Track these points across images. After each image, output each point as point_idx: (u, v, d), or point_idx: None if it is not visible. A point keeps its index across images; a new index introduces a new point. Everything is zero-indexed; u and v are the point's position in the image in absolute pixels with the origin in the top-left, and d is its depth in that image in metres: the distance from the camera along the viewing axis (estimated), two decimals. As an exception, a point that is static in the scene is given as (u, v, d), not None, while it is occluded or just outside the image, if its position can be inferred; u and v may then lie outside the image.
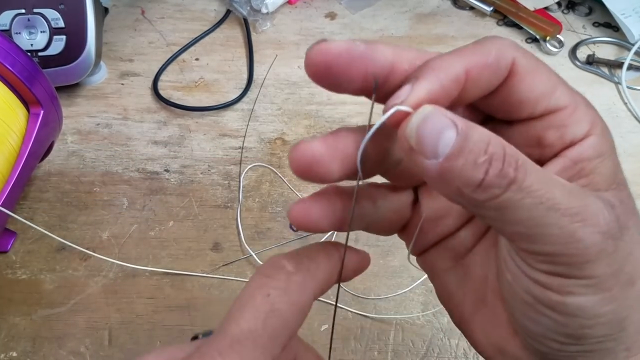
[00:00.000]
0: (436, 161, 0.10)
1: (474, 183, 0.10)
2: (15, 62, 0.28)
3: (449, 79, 0.11)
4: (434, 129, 0.10)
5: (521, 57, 0.12)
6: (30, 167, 0.30)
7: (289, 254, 0.13)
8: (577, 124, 0.12)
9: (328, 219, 0.13)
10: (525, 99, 0.12)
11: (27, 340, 0.27)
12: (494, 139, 0.11)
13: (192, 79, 0.40)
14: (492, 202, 0.10)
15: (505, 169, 0.10)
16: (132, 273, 0.30)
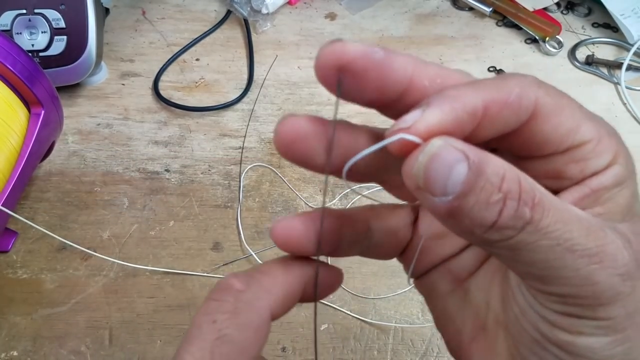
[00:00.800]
0: (445, 199, 0.09)
1: (485, 224, 0.10)
2: (16, 62, 0.28)
3: (464, 111, 0.10)
4: (443, 166, 0.09)
5: (545, 97, 0.11)
6: (31, 167, 0.30)
7: (241, 272, 0.12)
8: (600, 156, 0.11)
9: (313, 239, 0.12)
10: (549, 138, 0.11)
11: (28, 340, 0.27)
12: (509, 173, 0.10)
13: (193, 79, 0.40)
14: (504, 243, 0.10)
15: (521, 209, 0.09)
16: (133, 272, 0.30)
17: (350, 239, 0.13)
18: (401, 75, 0.11)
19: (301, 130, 0.11)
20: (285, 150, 0.11)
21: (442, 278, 0.14)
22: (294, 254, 0.13)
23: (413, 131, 0.10)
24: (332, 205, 0.33)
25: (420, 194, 0.10)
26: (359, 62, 0.11)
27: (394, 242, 0.14)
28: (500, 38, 0.44)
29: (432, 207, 0.10)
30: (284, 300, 0.12)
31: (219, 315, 0.11)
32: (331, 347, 0.28)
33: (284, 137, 0.11)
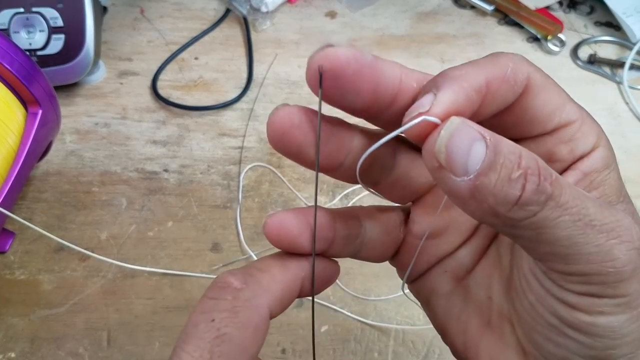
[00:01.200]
0: (467, 178, 0.10)
1: (510, 201, 0.10)
2: (13, 61, 0.28)
3: (472, 89, 0.11)
4: (463, 143, 0.10)
5: (535, 73, 0.12)
6: (29, 166, 0.30)
7: (238, 269, 0.12)
8: (585, 137, 0.12)
9: (307, 235, 0.12)
10: (539, 115, 0.12)
11: (26, 341, 0.27)
12: (524, 151, 0.10)
13: (192, 78, 0.39)
14: (528, 220, 0.10)
15: (543, 184, 0.10)
16: (131, 273, 0.29)
17: (343, 235, 0.13)
18: (392, 77, 0.11)
19: (295, 120, 0.11)
20: (277, 141, 0.12)
21: (441, 278, 0.14)
22: (288, 251, 0.13)
23: (432, 113, 0.10)
24: (333, 206, 0.33)
25: (441, 175, 0.10)
26: (352, 65, 0.11)
27: (387, 242, 0.14)
28: (502, 37, 0.44)
29: (453, 188, 0.10)
30: (283, 298, 0.12)
31: (217, 314, 0.11)
32: (331, 349, 0.27)
33: (277, 127, 0.11)
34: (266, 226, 0.12)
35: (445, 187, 0.10)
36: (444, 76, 0.11)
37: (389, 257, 0.15)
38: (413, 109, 0.11)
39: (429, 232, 0.14)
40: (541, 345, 0.12)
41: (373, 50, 0.42)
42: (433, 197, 0.14)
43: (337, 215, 0.13)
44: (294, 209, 0.13)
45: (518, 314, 0.13)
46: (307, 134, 0.12)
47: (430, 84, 0.11)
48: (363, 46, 0.42)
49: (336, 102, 0.11)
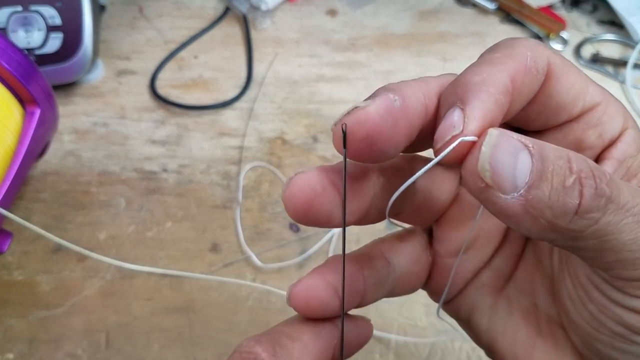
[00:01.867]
0: (517, 194, 0.09)
1: (570, 211, 0.09)
2: (11, 60, 0.27)
3: (500, 93, 0.10)
4: (507, 156, 0.09)
5: (553, 56, 0.11)
6: (27, 166, 0.30)
7: (264, 335, 0.11)
8: (612, 119, 0.11)
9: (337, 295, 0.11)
10: (564, 100, 0.11)
11: (24, 342, 0.27)
12: (572, 153, 0.09)
13: (191, 77, 0.39)
14: (591, 229, 0.09)
15: (600, 187, 0.09)
16: (130, 274, 0.29)
17: (374, 282, 0.12)
18: (420, 108, 0.10)
19: (317, 189, 0.10)
20: (302, 215, 0.10)
21: (480, 293, 0.13)
22: (322, 317, 0.11)
23: (467, 132, 0.09)
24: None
25: (489, 195, 0.09)
26: (387, 123, 0.10)
27: (417, 271, 0.13)
28: (504, 35, 0.43)
29: (505, 207, 0.09)
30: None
31: None
32: (331, 351, 0.27)
33: (300, 200, 0.10)
34: (292, 298, 0.11)
35: (495, 208, 0.09)
36: (465, 85, 0.10)
37: (423, 284, 0.14)
38: (443, 131, 0.10)
39: (455, 249, 0.13)
40: (604, 353, 0.11)
41: (373, 49, 0.42)
42: (455, 211, 0.13)
43: (362, 260, 0.12)
44: (317, 271, 0.11)
45: (574, 322, 0.12)
46: (333, 199, 0.10)
47: (451, 95, 0.10)
48: (363, 45, 0.42)
49: (370, 160, 0.10)
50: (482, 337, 0.13)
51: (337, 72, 0.39)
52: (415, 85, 0.11)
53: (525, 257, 0.13)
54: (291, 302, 0.11)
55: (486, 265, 0.13)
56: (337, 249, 0.31)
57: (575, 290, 0.11)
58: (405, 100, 0.10)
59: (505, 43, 0.11)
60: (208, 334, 0.27)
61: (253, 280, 0.29)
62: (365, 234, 0.32)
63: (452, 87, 0.10)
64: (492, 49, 0.11)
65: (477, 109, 0.09)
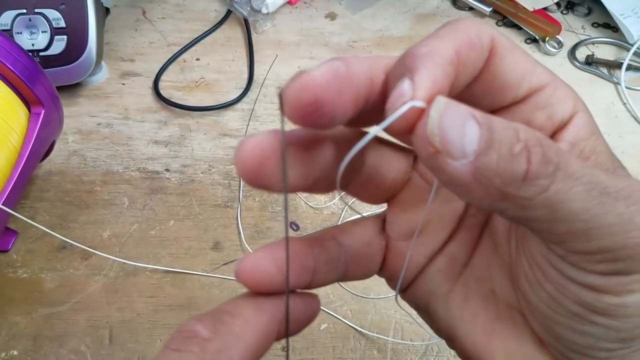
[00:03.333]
0: (466, 161, 0.09)
1: (518, 177, 0.09)
2: (16, 62, 0.28)
3: (446, 63, 0.10)
4: (456, 122, 0.09)
5: (498, 35, 0.11)
6: (32, 166, 0.30)
7: (205, 314, 0.11)
8: (561, 102, 0.11)
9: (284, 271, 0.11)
10: (509, 79, 0.11)
11: (28, 339, 0.27)
12: (520, 125, 0.09)
13: (193, 79, 0.40)
14: (541, 197, 0.09)
15: (548, 154, 0.09)
16: (133, 272, 0.30)
17: (324, 260, 0.12)
18: (365, 77, 0.10)
19: (267, 151, 0.10)
20: (252, 176, 0.10)
21: (436, 279, 0.13)
22: (270, 292, 0.11)
23: (417, 98, 0.09)
24: (333, 206, 0.33)
25: (439, 161, 0.09)
26: (333, 87, 0.10)
27: (370, 254, 0.13)
28: (501, 38, 0.44)
29: (454, 174, 0.09)
30: (258, 346, 0.11)
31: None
32: (331, 347, 0.28)
33: (249, 162, 0.10)
34: (239, 273, 0.11)
35: (445, 175, 0.09)
36: (412, 56, 0.10)
37: (377, 269, 0.14)
38: (394, 100, 0.10)
39: (408, 233, 0.13)
40: (563, 336, 0.11)
41: (372, 51, 0.42)
42: (407, 195, 0.13)
43: (312, 240, 0.12)
44: (265, 247, 0.11)
45: (532, 305, 0.12)
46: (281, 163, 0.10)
47: (399, 67, 0.10)
48: (363, 48, 0.42)
49: (318, 125, 0.10)
50: (441, 325, 0.13)
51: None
52: (362, 58, 0.11)
53: (481, 244, 0.13)
54: (238, 277, 0.11)
55: (441, 251, 0.13)
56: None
57: (532, 270, 0.11)
58: (349, 67, 0.10)
59: (451, 22, 0.11)
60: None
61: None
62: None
63: (400, 60, 0.10)
64: (440, 27, 0.11)
65: (425, 76, 0.10)
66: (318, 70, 0.10)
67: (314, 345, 0.27)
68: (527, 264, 0.11)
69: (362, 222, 0.14)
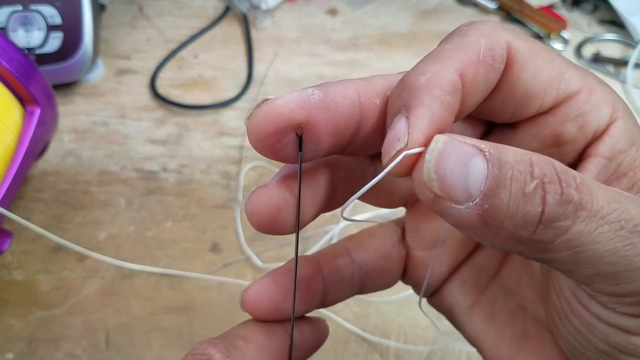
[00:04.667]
0: (472, 203, 0.08)
1: (532, 220, 0.08)
2: (11, 59, 0.27)
3: (447, 94, 0.09)
4: (457, 162, 0.08)
5: (516, 40, 0.10)
6: (27, 166, 0.30)
7: (218, 338, 0.11)
8: (596, 109, 0.10)
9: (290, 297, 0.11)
10: (532, 89, 0.10)
11: (23, 342, 0.27)
12: (535, 156, 0.08)
13: (191, 77, 0.39)
14: (560, 240, 0.08)
15: (567, 191, 0.08)
16: (130, 274, 0.29)
17: (335, 280, 0.12)
18: (349, 105, 0.09)
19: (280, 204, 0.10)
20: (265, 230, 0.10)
21: (460, 291, 0.13)
22: (277, 320, 0.11)
23: (412, 144, 0.09)
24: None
25: (441, 206, 0.08)
26: (299, 115, 0.09)
27: (388, 266, 0.13)
28: (505, 35, 0.43)
29: (460, 219, 0.08)
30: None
31: None
32: (332, 351, 0.27)
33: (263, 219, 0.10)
34: (244, 302, 0.11)
35: (451, 220, 0.08)
36: (409, 88, 0.09)
37: (397, 280, 0.13)
38: (388, 145, 0.09)
39: (431, 242, 0.12)
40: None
41: (374, 48, 0.41)
42: None
43: (323, 260, 0.12)
44: (269, 275, 0.11)
45: (561, 334, 0.11)
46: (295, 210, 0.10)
47: (396, 100, 0.09)
48: (364, 45, 0.42)
49: (285, 158, 0.09)
50: (466, 334, 0.13)
51: (337, 71, 0.39)
52: (350, 84, 0.10)
53: (511, 256, 0.12)
54: (243, 306, 0.11)
55: (467, 262, 0.13)
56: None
57: (560, 303, 0.11)
58: (327, 95, 0.09)
59: (459, 31, 0.10)
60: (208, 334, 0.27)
61: (253, 279, 0.29)
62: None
63: (398, 89, 0.09)
64: (445, 39, 0.10)
65: (421, 116, 0.09)
66: (283, 98, 0.09)
67: (314, 349, 0.27)
68: (556, 296, 0.11)
69: (378, 232, 0.13)
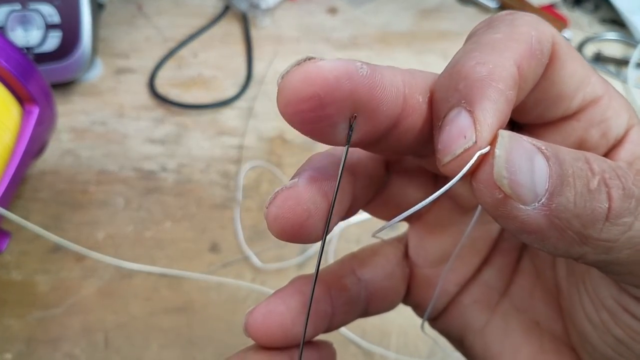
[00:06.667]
0: (538, 204, 0.07)
1: (600, 217, 0.08)
2: (9, 58, 0.27)
3: (510, 87, 0.08)
4: (523, 160, 0.07)
5: (558, 37, 0.09)
6: (25, 165, 0.29)
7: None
8: (617, 116, 0.10)
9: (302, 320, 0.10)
10: (566, 89, 0.10)
11: (22, 342, 0.26)
12: (589, 154, 0.08)
13: (190, 76, 0.39)
14: (625, 236, 0.08)
15: (628, 187, 0.08)
16: (128, 274, 0.29)
17: (343, 302, 0.11)
18: (394, 94, 0.08)
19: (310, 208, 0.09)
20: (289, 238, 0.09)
21: (471, 311, 0.12)
22: (285, 347, 0.10)
23: (482, 142, 0.08)
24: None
25: (508, 208, 0.08)
26: (344, 87, 0.08)
27: (392, 286, 0.12)
28: (505, 34, 0.43)
29: (527, 221, 0.08)
30: None
31: None
32: (331, 351, 0.27)
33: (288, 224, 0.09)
34: (249, 327, 0.10)
35: (516, 224, 0.08)
36: (468, 79, 0.08)
37: (400, 300, 0.13)
38: (451, 141, 0.08)
39: (435, 260, 0.12)
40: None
41: (374, 47, 0.41)
42: (432, 216, 0.12)
43: (331, 280, 0.11)
44: (276, 295, 0.10)
45: (594, 347, 0.10)
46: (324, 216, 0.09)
47: (452, 91, 0.08)
48: (364, 44, 0.42)
49: (320, 136, 0.08)
50: (479, 358, 0.12)
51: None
52: (397, 71, 0.09)
53: (521, 270, 0.12)
54: (248, 331, 0.10)
55: (475, 279, 0.12)
56: (337, 250, 0.31)
57: (598, 313, 0.10)
58: (375, 75, 0.08)
59: (504, 19, 0.09)
60: (207, 334, 0.27)
61: (252, 280, 0.29)
62: (365, 233, 0.31)
63: (450, 80, 0.09)
64: (490, 27, 0.09)
65: (488, 112, 0.08)
66: (330, 62, 0.08)
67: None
68: (592, 305, 0.10)
69: (382, 249, 0.12)
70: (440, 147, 0.08)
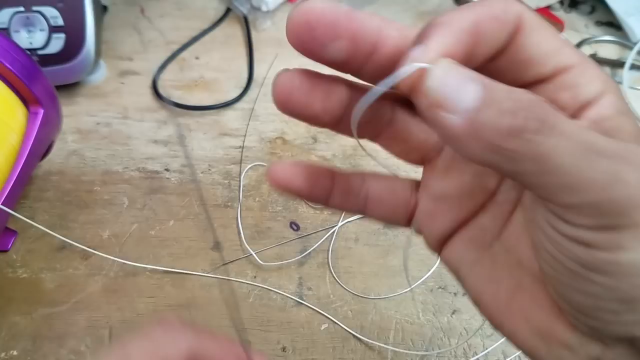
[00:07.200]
0: (462, 116, 0.10)
1: (511, 129, 0.09)
2: (14, 60, 0.28)
3: (462, 31, 0.10)
4: (457, 81, 0.10)
5: (527, 12, 0.11)
6: (31, 166, 0.30)
7: None
8: (589, 83, 0.11)
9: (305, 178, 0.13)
10: (534, 55, 0.11)
11: (28, 339, 0.27)
12: (519, 90, 0.10)
13: (192, 78, 0.39)
14: (529, 149, 0.09)
15: (540, 112, 0.09)
16: (133, 272, 0.30)
17: (343, 188, 0.14)
18: (371, 26, 0.11)
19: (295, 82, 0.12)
20: (282, 105, 0.12)
21: (464, 248, 0.14)
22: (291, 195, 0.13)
23: (423, 60, 0.10)
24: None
25: (435, 113, 0.10)
26: (327, 16, 0.11)
27: (393, 201, 0.14)
28: (502, 36, 0.43)
29: (449, 126, 0.10)
30: None
31: None
32: (331, 347, 0.28)
33: (280, 91, 0.12)
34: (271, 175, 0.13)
35: (441, 128, 0.10)
36: (431, 25, 0.11)
37: (401, 220, 0.15)
38: (404, 60, 0.11)
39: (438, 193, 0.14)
40: (570, 298, 0.11)
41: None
42: (443, 162, 0.14)
43: (338, 169, 0.14)
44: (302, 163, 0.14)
45: (543, 270, 0.12)
46: (309, 93, 0.12)
47: (419, 35, 0.11)
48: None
49: (314, 54, 0.12)
50: (470, 290, 0.14)
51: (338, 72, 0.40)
52: (374, 15, 0.12)
53: (513, 219, 0.13)
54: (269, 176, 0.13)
55: (471, 221, 0.14)
56: (337, 247, 0.31)
57: (537, 234, 0.12)
58: (356, 11, 0.11)
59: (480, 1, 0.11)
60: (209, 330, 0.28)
61: (254, 278, 0.30)
62: (364, 232, 0.32)
63: (423, 29, 0.11)
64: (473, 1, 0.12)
65: (435, 41, 0.10)
66: (319, 1, 0.11)
67: (314, 346, 0.27)
68: (535, 229, 0.12)
69: (394, 177, 0.15)
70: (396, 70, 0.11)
